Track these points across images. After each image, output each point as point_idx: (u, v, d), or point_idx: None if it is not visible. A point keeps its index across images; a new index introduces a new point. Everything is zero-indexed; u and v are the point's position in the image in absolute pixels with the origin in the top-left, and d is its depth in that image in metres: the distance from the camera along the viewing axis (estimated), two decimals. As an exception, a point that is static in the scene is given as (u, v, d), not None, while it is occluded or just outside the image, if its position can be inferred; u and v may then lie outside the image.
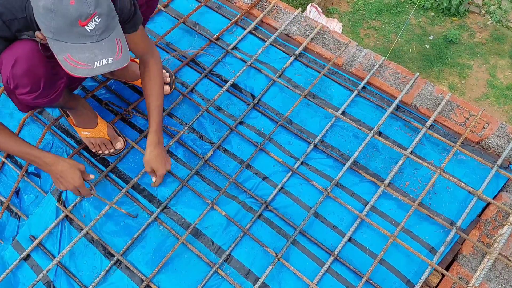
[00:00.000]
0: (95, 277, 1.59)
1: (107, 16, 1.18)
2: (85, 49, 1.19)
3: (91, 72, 1.21)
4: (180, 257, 1.62)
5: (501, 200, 1.67)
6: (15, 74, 1.31)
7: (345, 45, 2.05)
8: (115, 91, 1.97)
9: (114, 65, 1.23)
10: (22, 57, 1.30)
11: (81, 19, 1.13)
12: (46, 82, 1.38)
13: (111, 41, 1.22)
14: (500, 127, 1.81)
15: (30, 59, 1.31)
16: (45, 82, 1.38)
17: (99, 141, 1.76)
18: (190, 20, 2.18)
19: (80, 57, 1.19)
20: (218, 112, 1.92)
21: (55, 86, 1.44)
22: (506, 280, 1.52)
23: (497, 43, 4.89)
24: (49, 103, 1.47)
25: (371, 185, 1.72)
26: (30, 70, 1.32)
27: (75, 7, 1.11)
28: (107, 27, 1.20)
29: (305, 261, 1.60)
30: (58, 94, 1.47)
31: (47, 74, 1.38)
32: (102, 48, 1.20)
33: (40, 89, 1.38)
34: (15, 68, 1.30)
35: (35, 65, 1.33)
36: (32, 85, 1.35)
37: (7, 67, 1.30)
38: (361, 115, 1.88)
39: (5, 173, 1.85)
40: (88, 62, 1.20)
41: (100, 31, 1.18)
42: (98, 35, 1.18)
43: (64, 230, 1.68)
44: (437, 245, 1.60)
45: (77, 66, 1.20)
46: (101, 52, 1.20)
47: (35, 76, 1.35)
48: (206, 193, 1.74)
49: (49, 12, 1.12)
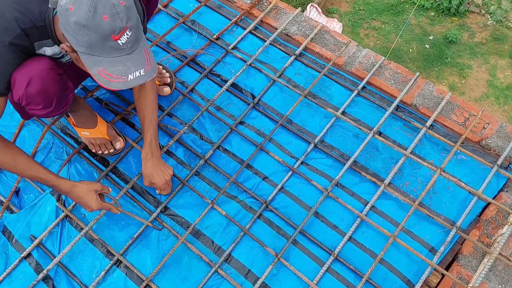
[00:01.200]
0: (95, 277, 1.59)
1: (136, 28, 1.19)
2: (118, 62, 1.19)
3: (125, 85, 1.21)
4: (180, 257, 1.62)
5: (501, 200, 1.67)
6: (28, 94, 1.31)
7: (345, 45, 2.05)
8: (115, 91, 1.96)
9: (146, 76, 1.24)
10: (36, 76, 1.30)
11: (114, 34, 1.14)
12: (58, 99, 1.40)
13: (140, 52, 1.23)
14: (500, 127, 1.81)
15: (44, 79, 1.31)
16: (58, 99, 1.39)
17: (99, 141, 1.76)
18: (190, 20, 2.18)
19: (113, 70, 1.19)
20: (218, 112, 1.92)
21: (66, 100, 1.45)
22: (506, 280, 1.52)
23: (497, 43, 4.89)
24: (59, 115, 1.50)
25: (371, 185, 1.72)
26: (44, 89, 1.33)
27: (109, 22, 1.11)
28: (137, 39, 1.20)
29: (305, 261, 1.60)
30: (68, 106, 1.49)
31: (60, 91, 1.39)
32: (133, 60, 1.21)
33: (52, 106, 1.40)
34: (29, 88, 1.30)
35: (48, 84, 1.33)
36: (44, 103, 1.37)
37: (20, 87, 1.30)
38: (361, 115, 1.88)
39: (5, 173, 1.85)
40: (122, 75, 1.20)
41: (131, 44, 1.19)
42: (129, 48, 1.19)
43: (64, 230, 1.68)
44: (437, 245, 1.60)
45: (111, 80, 1.20)
46: (133, 64, 1.21)
47: (48, 95, 1.36)
48: (206, 193, 1.74)
49: (82, 28, 1.11)
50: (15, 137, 1.88)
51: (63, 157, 1.81)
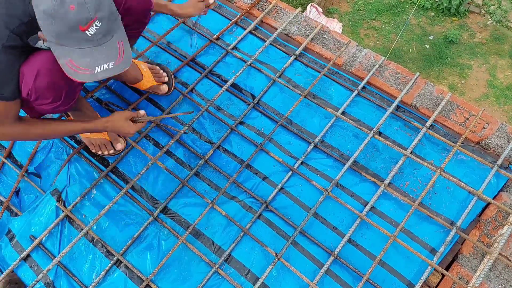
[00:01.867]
0: (95, 277, 1.59)
1: (108, 19, 1.17)
2: (86, 53, 1.18)
3: (92, 77, 1.20)
4: (180, 257, 1.62)
5: (501, 200, 1.67)
6: (38, 87, 1.31)
7: (345, 45, 2.05)
8: (115, 91, 1.97)
9: (115, 69, 1.22)
10: (43, 69, 1.29)
11: (82, 24, 1.12)
12: (67, 92, 1.39)
13: (112, 44, 1.21)
14: (500, 127, 1.81)
15: (52, 72, 1.30)
16: (66, 92, 1.39)
17: (99, 142, 1.76)
18: (191, 20, 2.18)
19: (81, 62, 1.18)
20: (218, 112, 1.92)
21: (74, 93, 1.45)
22: (506, 280, 1.52)
23: (497, 43, 4.90)
24: (66, 111, 1.49)
25: (371, 185, 1.72)
26: (52, 83, 1.32)
27: (75, 12, 1.10)
28: (108, 30, 1.18)
29: (305, 261, 1.60)
30: (76, 101, 1.49)
31: (68, 84, 1.38)
32: (103, 52, 1.19)
33: (61, 100, 1.39)
34: (38, 81, 1.29)
35: (57, 77, 1.32)
36: (54, 97, 1.36)
37: (29, 80, 1.29)
38: (361, 115, 1.88)
39: (5, 173, 1.85)
40: (89, 67, 1.19)
41: (101, 35, 1.17)
42: (99, 39, 1.17)
43: (64, 230, 1.68)
44: (437, 245, 1.60)
45: (78, 71, 1.19)
46: (102, 57, 1.19)
47: (57, 88, 1.35)
48: (206, 193, 1.74)
49: (49, 17, 1.11)
50: (15, 137, 1.88)
51: (63, 157, 1.81)
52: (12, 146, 1.88)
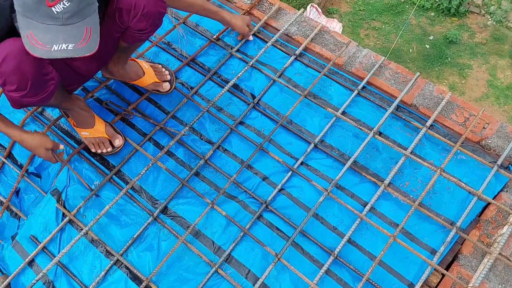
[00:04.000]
0: (95, 277, 1.59)
1: (79, 2, 1.15)
2: (49, 30, 1.16)
3: (47, 54, 1.17)
4: (180, 257, 1.62)
5: (501, 200, 1.67)
6: (3, 71, 1.30)
7: (345, 45, 2.05)
8: (115, 91, 1.97)
9: (74, 52, 1.19)
10: (11, 54, 1.28)
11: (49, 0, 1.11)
12: (34, 82, 1.37)
13: (79, 28, 1.18)
14: (500, 127, 1.81)
15: (19, 57, 1.29)
16: (33, 81, 1.36)
17: (98, 140, 1.76)
18: (190, 20, 2.18)
19: (41, 37, 1.16)
20: (218, 112, 1.92)
21: (44, 86, 1.42)
22: (506, 280, 1.52)
23: (497, 43, 4.89)
24: (38, 103, 1.48)
25: (371, 186, 1.72)
26: (18, 68, 1.31)
27: None
28: (77, 12, 1.16)
29: (305, 261, 1.60)
30: (48, 95, 1.46)
31: (36, 74, 1.36)
32: (67, 32, 1.17)
33: (27, 88, 1.36)
34: (4, 65, 1.29)
35: (23, 63, 1.31)
36: (19, 84, 1.34)
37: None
38: (361, 115, 1.88)
39: (5, 173, 1.85)
40: (47, 44, 1.16)
41: (68, 15, 1.15)
42: (65, 19, 1.15)
43: (64, 231, 1.68)
44: (437, 245, 1.59)
45: (36, 46, 1.17)
46: (63, 37, 1.16)
47: (22, 75, 1.33)
48: (206, 193, 1.74)
49: None
50: (15, 137, 1.88)
51: (63, 157, 1.81)
52: (12, 146, 1.88)
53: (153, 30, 1.56)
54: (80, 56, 1.20)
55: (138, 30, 1.51)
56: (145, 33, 1.54)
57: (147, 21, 1.47)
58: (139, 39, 1.60)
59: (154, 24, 1.53)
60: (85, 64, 1.60)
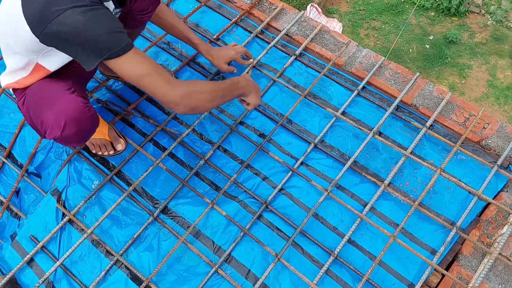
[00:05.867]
0: (95, 277, 1.59)
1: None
2: None
3: None
4: (180, 257, 1.62)
5: (501, 200, 1.67)
6: (65, 136, 1.33)
7: (345, 45, 2.05)
8: (115, 91, 1.97)
9: None
10: (70, 119, 1.30)
11: None
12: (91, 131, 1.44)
13: None
14: (500, 127, 1.81)
15: (79, 120, 1.32)
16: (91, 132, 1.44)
17: (99, 142, 1.76)
18: (190, 20, 2.18)
19: None
20: (219, 112, 1.92)
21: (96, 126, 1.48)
22: (506, 280, 1.52)
23: (497, 43, 4.90)
24: None
25: (371, 186, 1.72)
26: (80, 130, 1.36)
27: None
28: None
29: (305, 261, 1.60)
30: None
31: (93, 125, 1.42)
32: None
33: (86, 139, 1.47)
34: (66, 131, 1.31)
35: (84, 123, 1.35)
36: (80, 140, 1.43)
37: (55, 129, 1.30)
38: (361, 115, 1.88)
39: (5, 173, 1.85)
40: None
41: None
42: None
43: (64, 231, 1.68)
44: (437, 245, 1.60)
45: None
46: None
47: (84, 133, 1.40)
48: (206, 193, 1.74)
49: None
50: (15, 137, 1.88)
51: (63, 157, 1.81)
52: (12, 146, 1.88)
53: (153, 9, 1.59)
54: None
55: (140, 11, 1.53)
56: (147, 13, 1.56)
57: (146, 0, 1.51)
58: (140, 22, 1.61)
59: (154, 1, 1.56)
60: None
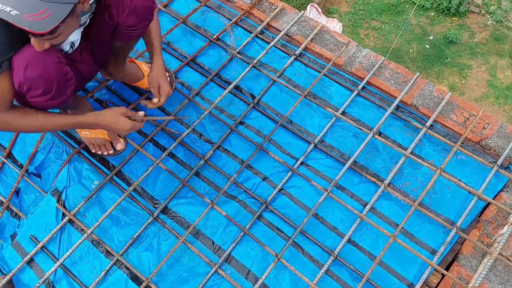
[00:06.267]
0: (95, 277, 1.59)
1: None
2: None
3: None
4: (180, 257, 1.62)
5: (501, 200, 1.67)
6: (28, 77, 1.30)
7: (345, 45, 2.05)
8: (115, 91, 1.97)
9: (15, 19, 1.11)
10: (34, 60, 1.29)
11: None
12: (58, 83, 1.38)
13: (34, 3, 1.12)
14: (500, 127, 1.81)
15: (42, 61, 1.30)
16: (58, 84, 1.38)
17: (99, 142, 1.76)
18: (190, 20, 2.18)
19: None
20: (219, 112, 1.92)
21: (66, 88, 1.43)
22: (506, 280, 1.52)
23: (497, 43, 4.89)
24: (59, 105, 1.48)
25: (371, 186, 1.72)
26: (43, 72, 1.32)
27: None
28: None
29: (305, 261, 1.60)
30: (68, 96, 1.47)
31: (59, 75, 1.37)
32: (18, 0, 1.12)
33: (52, 91, 1.37)
34: (29, 70, 1.29)
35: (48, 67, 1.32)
36: (44, 87, 1.35)
37: (19, 71, 1.29)
38: (361, 115, 1.88)
39: (5, 173, 1.85)
40: None
41: None
42: None
43: (64, 230, 1.68)
44: (437, 245, 1.59)
45: None
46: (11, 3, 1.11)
47: (47, 78, 1.34)
48: (206, 193, 1.74)
49: None
50: (15, 137, 1.88)
51: (63, 157, 1.81)
52: (12, 146, 1.88)
53: (143, 26, 1.54)
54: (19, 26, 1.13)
55: (128, 26, 1.49)
56: (135, 30, 1.52)
57: (136, 17, 1.45)
58: (129, 37, 1.58)
59: (144, 19, 1.51)
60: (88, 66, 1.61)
